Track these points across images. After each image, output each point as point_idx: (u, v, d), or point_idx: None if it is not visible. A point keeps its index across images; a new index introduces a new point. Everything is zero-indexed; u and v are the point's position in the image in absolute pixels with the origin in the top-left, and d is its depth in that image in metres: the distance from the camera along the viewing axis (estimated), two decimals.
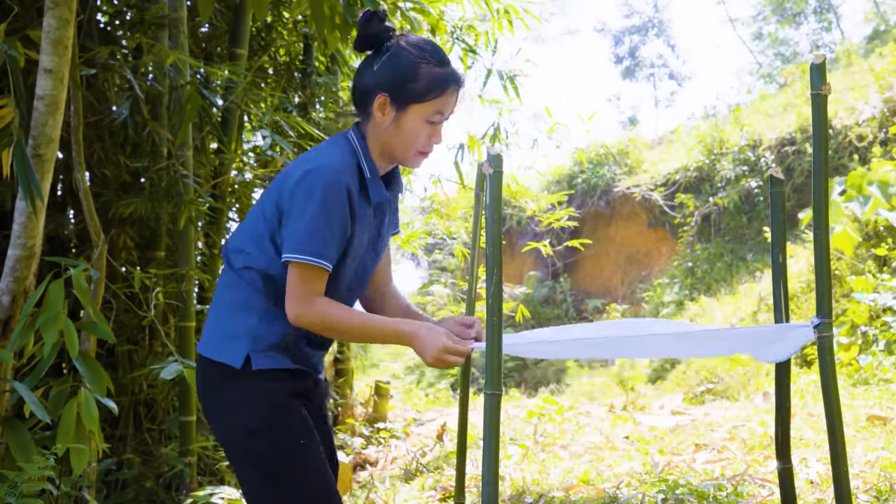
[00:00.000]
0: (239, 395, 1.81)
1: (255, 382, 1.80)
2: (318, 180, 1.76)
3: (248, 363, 1.80)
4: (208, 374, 1.86)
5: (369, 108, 1.85)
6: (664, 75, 27.15)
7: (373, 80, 1.84)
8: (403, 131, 1.84)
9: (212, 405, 1.86)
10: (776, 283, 2.08)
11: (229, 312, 1.85)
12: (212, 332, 1.87)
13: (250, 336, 1.81)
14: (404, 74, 1.82)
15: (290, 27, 4.77)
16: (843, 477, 1.82)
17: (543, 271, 13.78)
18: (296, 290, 1.77)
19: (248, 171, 4.55)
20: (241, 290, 1.84)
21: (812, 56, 1.88)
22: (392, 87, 1.82)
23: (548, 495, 3.63)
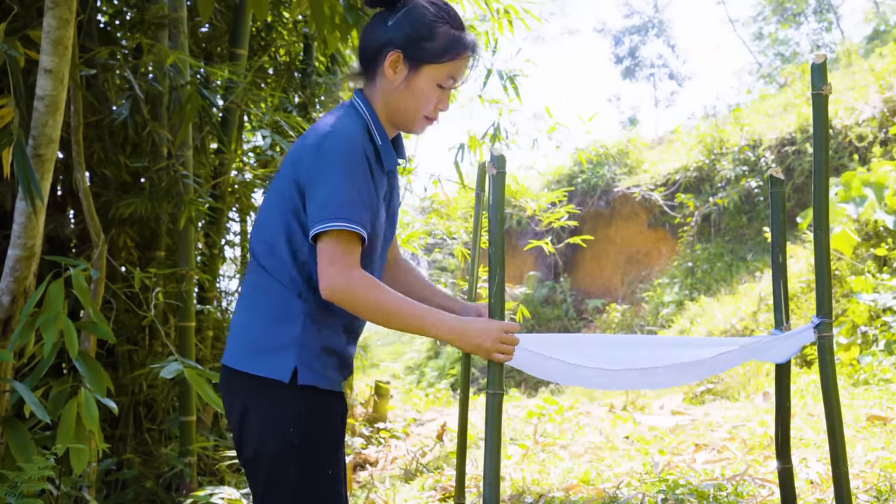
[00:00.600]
0: (282, 411, 1.65)
1: (302, 399, 1.66)
2: (336, 145, 1.65)
3: (295, 377, 1.65)
4: (242, 386, 1.69)
5: (378, 67, 1.75)
6: (664, 75, 27.16)
7: (386, 36, 1.73)
8: (414, 93, 1.75)
9: (246, 418, 1.69)
10: (776, 283, 2.08)
11: (265, 321, 1.69)
12: (245, 342, 1.71)
13: (296, 346, 1.66)
14: (421, 32, 1.72)
15: (290, 27, 4.77)
16: (843, 477, 1.82)
17: (543, 271, 13.77)
18: (330, 259, 1.60)
19: (248, 171, 4.55)
20: (276, 294, 1.69)
21: (812, 56, 1.88)
22: (407, 45, 1.72)
23: (548, 495, 3.63)
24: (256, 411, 1.68)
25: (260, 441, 1.68)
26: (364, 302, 1.62)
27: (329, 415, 1.71)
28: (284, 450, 1.65)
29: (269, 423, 1.66)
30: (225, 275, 4.93)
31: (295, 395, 1.65)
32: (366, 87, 1.80)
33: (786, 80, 13.83)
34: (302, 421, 1.66)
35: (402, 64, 1.73)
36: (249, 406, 1.69)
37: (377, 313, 1.64)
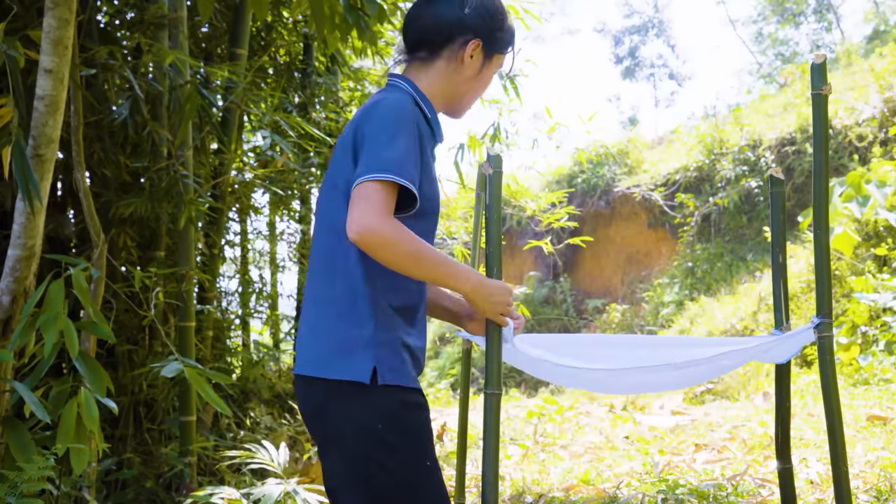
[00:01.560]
0: (372, 414, 1.61)
1: (388, 399, 1.62)
2: (391, 108, 1.62)
3: (375, 377, 1.61)
4: (324, 393, 1.64)
5: (447, 51, 1.73)
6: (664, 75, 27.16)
7: (463, 22, 1.71)
8: (482, 81, 1.77)
9: (337, 426, 1.63)
10: (776, 283, 2.08)
11: (336, 323, 1.64)
12: (320, 347, 1.66)
13: (372, 345, 1.62)
14: (497, 22, 1.75)
15: (290, 27, 4.77)
16: (843, 477, 1.82)
17: (543, 271, 13.77)
18: (368, 201, 1.53)
19: (248, 171, 4.55)
20: (345, 294, 1.64)
21: (812, 56, 1.88)
22: (485, 34, 1.73)
23: (548, 495, 3.63)
24: (342, 417, 1.62)
25: (354, 447, 1.62)
26: (395, 244, 1.54)
27: (416, 408, 1.67)
28: (382, 453, 1.61)
29: (359, 428, 1.61)
30: (225, 275, 4.93)
31: (378, 397, 1.61)
32: (414, 69, 1.77)
33: (786, 80, 13.82)
34: (391, 420, 1.62)
35: (479, 53, 1.73)
36: (335, 412, 1.63)
37: (407, 257, 1.56)
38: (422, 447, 1.65)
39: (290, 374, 5.30)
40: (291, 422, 4.80)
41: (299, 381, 1.70)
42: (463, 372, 2.51)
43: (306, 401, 1.69)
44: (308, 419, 1.70)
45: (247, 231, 5.05)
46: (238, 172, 4.50)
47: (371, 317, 1.62)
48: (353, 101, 5.21)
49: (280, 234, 5.29)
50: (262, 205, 5.08)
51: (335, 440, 1.64)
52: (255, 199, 4.89)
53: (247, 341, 5.05)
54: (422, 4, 1.77)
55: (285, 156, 4.20)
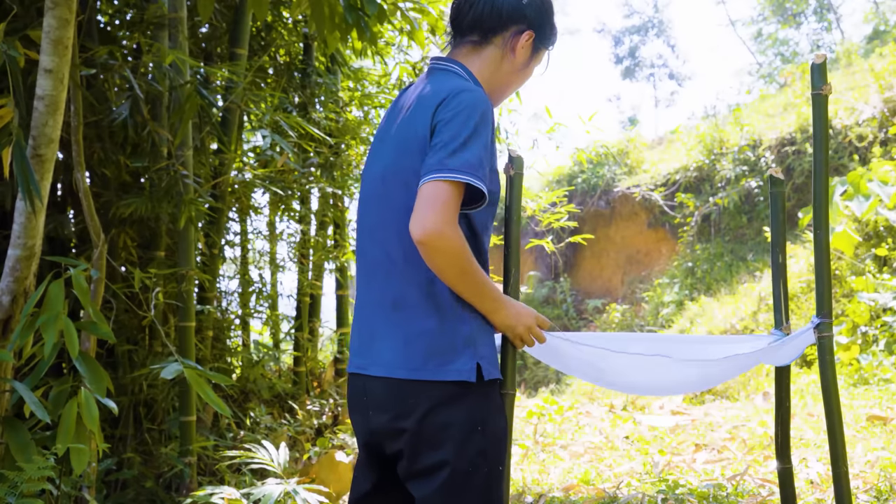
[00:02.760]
0: (474, 413, 1.60)
1: (487, 396, 1.62)
2: (478, 102, 1.60)
3: (481, 374, 1.60)
4: (428, 395, 1.59)
5: (500, 39, 1.72)
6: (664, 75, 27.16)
7: (520, 11, 1.71)
8: (526, 74, 1.78)
9: (438, 428, 1.59)
10: (776, 283, 2.08)
11: (431, 321, 1.61)
12: (415, 348, 1.61)
13: (472, 343, 1.61)
14: (550, 18, 1.77)
15: (290, 27, 4.77)
16: (843, 477, 1.82)
17: (543, 271, 13.77)
18: (439, 203, 1.51)
19: (248, 171, 4.55)
20: (423, 289, 1.62)
21: (812, 56, 1.88)
22: (539, 27, 1.74)
23: (548, 495, 3.63)
24: (445, 418, 1.59)
25: (459, 448, 1.59)
26: (455, 255, 1.54)
27: (502, 410, 1.68)
28: (476, 454, 1.60)
29: (462, 428, 1.59)
30: (225, 275, 4.93)
31: (482, 394, 1.60)
32: (464, 53, 1.75)
33: (786, 80, 13.82)
34: (489, 419, 1.62)
35: (530, 45, 1.74)
36: (436, 415, 1.59)
37: (459, 270, 1.57)
38: (503, 451, 1.66)
39: (290, 374, 5.30)
40: (291, 422, 4.80)
41: (389, 384, 1.62)
42: None
43: (390, 403, 1.62)
44: (389, 422, 1.63)
45: (247, 231, 5.05)
46: (238, 172, 4.50)
47: (459, 311, 1.61)
48: (352, 101, 5.21)
49: (280, 234, 5.28)
50: (262, 205, 5.08)
51: (428, 440, 1.60)
52: (255, 199, 4.89)
53: (247, 341, 5.05)
54: None
55: (285, 156, 4.20)
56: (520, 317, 1.70)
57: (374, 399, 1.67)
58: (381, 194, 1.68)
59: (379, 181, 1.69)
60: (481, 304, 1.66)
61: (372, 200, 1.71)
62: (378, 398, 1.66)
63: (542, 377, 11.36)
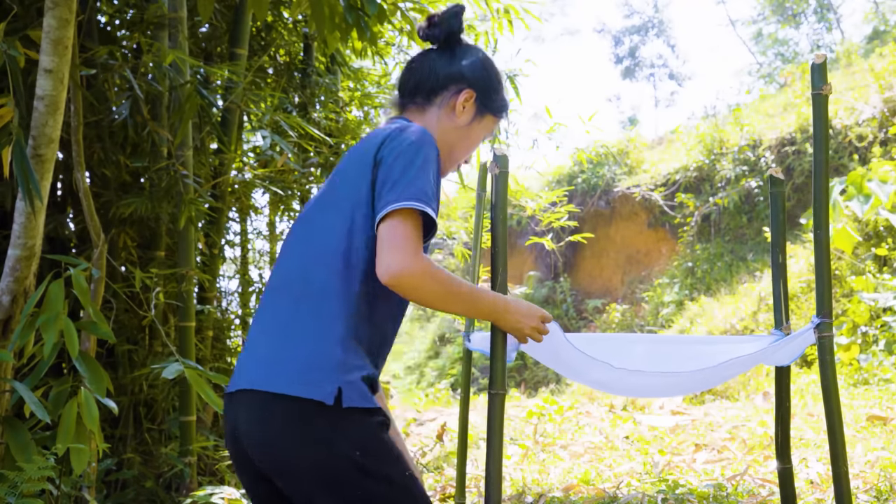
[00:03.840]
0: (334, 433, 1.53)
1: (347, 422, 1.54)
2: (424, 137, 1.62)
3: (340, 399, 1.53)
4: (286, 412, 1.54)
5: (441, 99, 1.76)
6: (664, 75, 27.17)
7: (461, 73, 1.76)
8: (470, 137, 1.79)
9: (296, 446, 1.54)
10: (776, 283, 2.09)
11: (304, 342, 1.57)
12: (283, 365, 1.57)
13: (339, 367, 1.54)
14: (493, 84, 1.80)
15: (290, 27, 4.77)
16: (843, 477, 1.82)
17: (544, 271, 13.77)
18: (400, 240, 1.51)
19: (248, 171, 4.55)
20: (317, 316, 1.58)
21: (812, 56, 1.88)
22: (481, 90, 1.78)
23: (548, 495, 3.63)
24: (300, 437, 1.53)
25: (317, 470, 1.54)
26: (429, 286, 1.54)
27: (383, 427, 1.61)
28: (353, 471, 1.54)
29: (315, 450, 1.53)
30: (225, 275, 4.93)
31: (339, 418, 1.53)
32: (410, 115, 1.79)
33: (786, 80, 13.82)
34: (344, 444, 1.54)
35: (472, 105, 1.77)
36: (291, 433, 1.54)
37: (442, 296, 1.58)
38: (399, 464, 1.59)
39: None
40: None
41: (254, 397, 1.57)
42: (463, 372, 2.51)
43: (263, 419, 1.56)
44: (261, 440, 1.57)
45: (247, 231, 5.05)
46: (238, 172, 4.50)
47: (341, 342, 1.56)
48: (352, 101, 5.21)
49: (280, 234, 5.28)
50: (262, 205, 5.07)
51: (284, 462, 1.55)
52: (255, 199, 4.89)
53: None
54: (422, 54, 1.82)
55: (285, 156, 4.20)
56: (525, 317, 1.71)
57: (240, 418, 1.61)
58: (304, 217, 1.71)
59: (311, 206, 1.72)
60: (480, 316, 1.70)
61: (296, 225, 1.73)
62: (241, 415, 1.60)
63: (542, 377, 11.36)
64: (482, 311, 1.69)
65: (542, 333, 1.74)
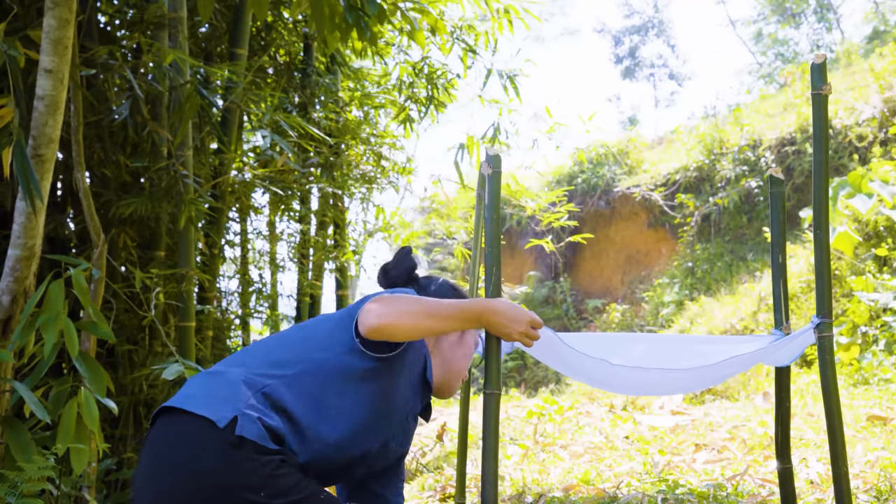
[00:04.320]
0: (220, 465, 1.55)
1: (239, 454, 1.55)
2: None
3: (233, 426, 1.57)
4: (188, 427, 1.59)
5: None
6: (664, 75, 27.14)
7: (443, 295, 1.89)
8: (466, 347, 1.87)
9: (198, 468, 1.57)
10: (776, 283, 2.09)
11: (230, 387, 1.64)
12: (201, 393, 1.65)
13: (244, 402, 1.59)
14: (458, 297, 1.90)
15: (290, 27, 4.77)
16: (843, 477, 1.82)
17: (543, 271, 13.77)
18: (369, 306, 1.66)
19: (248, 171, 4.55)
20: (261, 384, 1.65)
21: (812, 56, 1.88)
22: None
23: (548, 495, 3.63)
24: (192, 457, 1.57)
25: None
26: (401, 312, 1.64)
27: (281, 465, 1.60)
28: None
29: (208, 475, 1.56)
30: (225, 275, 4.93)
31: (231, 445, 1.55)
32: None
33: (786, 80, 13.82)
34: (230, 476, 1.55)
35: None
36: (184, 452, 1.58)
37: (419, 319, 1.66)
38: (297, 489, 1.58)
39: None
40: None
41: (171, 419, 1.63)
42: None
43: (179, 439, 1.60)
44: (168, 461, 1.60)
45: (247, 231, 5.05)
46: (238, 172, 4.50)
47: (255, 396, 1.61)
48: (352, 101, 5.21)
49: (280, 234, 5.28)
50: (262, 205, 5.07)
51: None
52: (255, 199, 4.89)
53: (247, 341, 5.05)
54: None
55: (285, 156, 4.20)
56: (512, 321, 1.74)
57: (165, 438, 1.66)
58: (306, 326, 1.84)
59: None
60: (467, 325, 1.77)
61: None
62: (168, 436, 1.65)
63: (542, 377, 11.36)
64: (467, 321, 1.74)
65: (531, 338, 1.76)
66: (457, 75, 5.09)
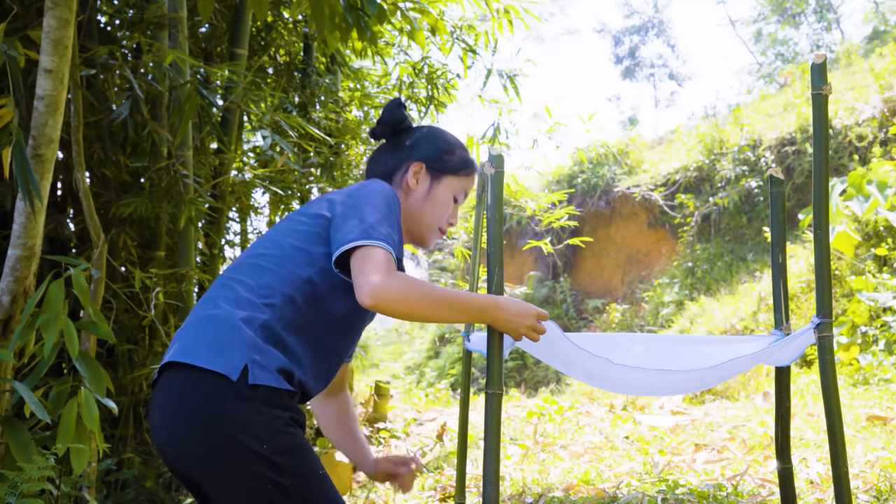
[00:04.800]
0: (239, 417, 1.52)
1: (256, 402, 1.53)
2: (382, 187, 1.73)
3: (246, 375, 1.53)
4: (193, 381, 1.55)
5: (398, 179, 1.85)
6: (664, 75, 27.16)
7: (407, 153, 1.86)
8: (436, 201, 1.85)
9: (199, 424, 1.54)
10: (776, 283, 2.09)
11: (217, 326, 1.60)
12: (196, 341, 1.60)
13: (251, 346, 1.56)
14: (442, 147, 1.87)
15: (290, 27, 4.77)
16: (843, 477, 1.82)
17: (543, 271, 13.77)
18: (375, 262, 1.56)
19: (248, 171, 4.55)
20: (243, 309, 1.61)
21: (812, 56, 1.88)
22: (429, 157, 1.86)
23: (548, 495, 3.63)
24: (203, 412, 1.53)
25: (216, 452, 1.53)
26: (405, 300, 1.58)
27: (293, 423, 1.59)
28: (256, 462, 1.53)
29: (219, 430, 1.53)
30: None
31: (246, 398, 1.52)
32: None
33: (786, 80, 13.82)
34: (252, 428, 1.53)
35: (425, 174, 1.85)
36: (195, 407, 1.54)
37: (424, 307, 1.61)
38: (293, 462, 1.56)
39: None
40: None
41: (177, 367, 1.58)
42: (463, 372, 2.52)
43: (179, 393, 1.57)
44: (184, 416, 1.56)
45: (247, 231, 5.05)
46: (238, 172, 4.50)
47: (254, 326, 1.58)
48: (352, 101, 5.21)
49: None
50: (262, 205, 5.08)
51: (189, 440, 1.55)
52: (255, 199, 4.89)
53: None
54: (377, 150, 1.93)
55: (285, 156, 4.20)
56: (519, 317, 1.72)
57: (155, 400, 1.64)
58: (265, 237, 1.77)
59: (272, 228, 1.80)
60: (471, 319, 1.76)
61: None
62: (157, 397, 1.63)
63: (542, 377, 11.36)
64: (472, 314, 1.72)
65: (538, 332, 1.74)
66: (457, 75, 5.10)
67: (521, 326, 1.72)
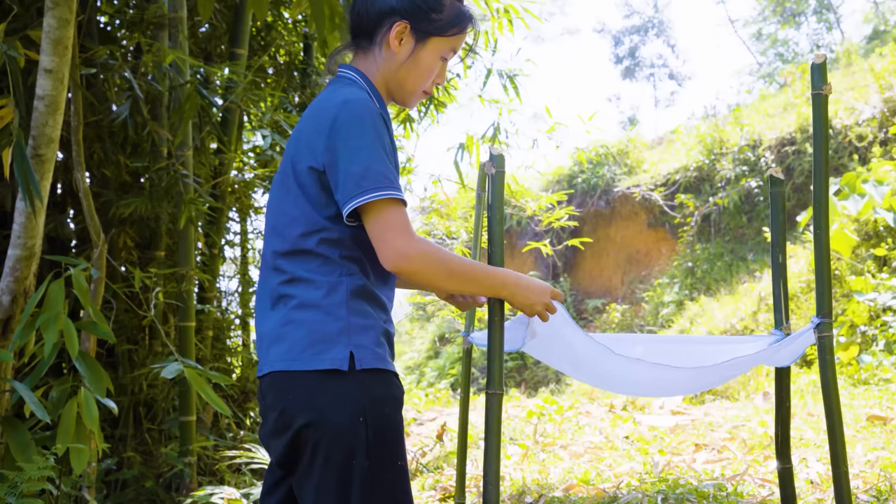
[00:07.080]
0: (355, 405, 1.54)
1: (369, 385, 1.55)
2: (359, 109, 1.57)
3: (353, 363, 1.54)
4: (298, 385, 1.56)
5: (379, 38, 1.69)
6: (664, 75, 27.17)
7: (390, 6, 1.66)
8: (418, 66, 1.70)
9: (313, 419, 1.54)
10: (776, 283, 2.08)
11: (309, 318, 1.57)
12: (292, 342, 1.58)
13: (346, 333, 1.55)
14: (429, 4, 1.68)
15: (290, 27, 4.77)
16: (843, 477, 1.82)
17: (543, 271, 13.77)
18: (393, 226, 1.52)
19: (248, 171, 4.55)
20: (314, 289, 1.58)
21: (812, 56, 1.88)
22: (414, 16, 1.67)
23: (548, 495, 3.63)
24: (319, 408, 1.54)
25: (330, 441, 1.53)
26: (428, 267, 1.55)
27: (394, 401, 1.61)
28: (355, 448, 1.53)
29: (336, 419, 1.53)
30: (225, 275, 4.93)
31: (357, 383, 1.54)
32: (357, 59, 1.74)
33: (786, 80, 13.82)
34: (368, 410, 1.54)
35: (409, 36, 1.68)
36: (311, 404, 1.55)
37: (446, 275, 1.58)
38: (391, 447, 1.58)
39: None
40: None
41: (270, 379, 1.60)
42: (463, 372, 2.52)
43: (276, 400, 1.59)
44: (274, 420, 1.59)
45: (247, 231, 5.05)
46: (238, 172, 4.50)
47: (334, 307, 1.56)
48: None
49: None
50: (262, 205, 5.08)
51: (303, 433, 1.55)
52: (255, 199, 4.89)
53: (247, 341, 5.05)
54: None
55: None
56: (536, 293, 1.70)
57: (265, 400, 1.64)
58: (271, 198, 1.71)
59: (274, 185, 1.71)
60: (490, 292, 1.69)
61: (269, 205, 1.74)
62: (267, 397, 1.63)
63: (542, 377, 11.36)
64: (492, 287, 1.67)
65: (550, 312, 1.74)
66: (457, 75, 5.10)
67: (538, 304, 1.70)
